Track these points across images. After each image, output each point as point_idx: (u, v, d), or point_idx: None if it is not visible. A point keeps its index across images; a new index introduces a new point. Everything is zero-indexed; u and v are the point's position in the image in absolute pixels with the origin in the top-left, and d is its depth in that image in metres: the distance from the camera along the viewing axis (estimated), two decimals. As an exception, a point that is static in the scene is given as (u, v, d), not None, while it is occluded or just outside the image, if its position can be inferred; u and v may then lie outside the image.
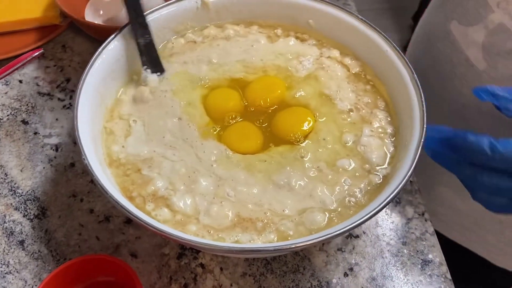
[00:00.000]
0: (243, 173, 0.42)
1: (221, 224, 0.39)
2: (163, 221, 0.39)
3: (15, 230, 0.49)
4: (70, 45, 0.67)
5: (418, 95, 0.43)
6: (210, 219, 0.40)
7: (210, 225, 0.39)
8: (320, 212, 0.40)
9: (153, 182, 0.41)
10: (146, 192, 0.41)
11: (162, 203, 0.40)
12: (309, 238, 0.35)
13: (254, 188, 0.41)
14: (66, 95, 0.61)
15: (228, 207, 0.40)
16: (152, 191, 0.41)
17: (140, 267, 0.47)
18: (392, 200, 0.36)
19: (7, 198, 0.52)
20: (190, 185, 0.41)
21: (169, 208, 0.40)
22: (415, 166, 0.38)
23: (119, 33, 0.48)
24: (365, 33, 0.49)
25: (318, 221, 0.39)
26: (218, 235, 0.39)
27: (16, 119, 0.59)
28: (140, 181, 0.42)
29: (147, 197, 0.41)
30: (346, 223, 0.35)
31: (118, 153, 0.44)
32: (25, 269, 0.47)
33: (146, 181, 0.42)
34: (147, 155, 0.44)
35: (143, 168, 0.43)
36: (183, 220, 0.40)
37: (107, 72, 0.46)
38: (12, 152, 0.56)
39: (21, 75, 0.63)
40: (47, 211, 0.51)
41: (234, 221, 0.40)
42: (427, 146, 0.39)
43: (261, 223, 0.39)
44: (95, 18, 0.66)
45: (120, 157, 0.44)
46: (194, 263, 0.47)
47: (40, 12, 0.68)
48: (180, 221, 0.40)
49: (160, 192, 0.41)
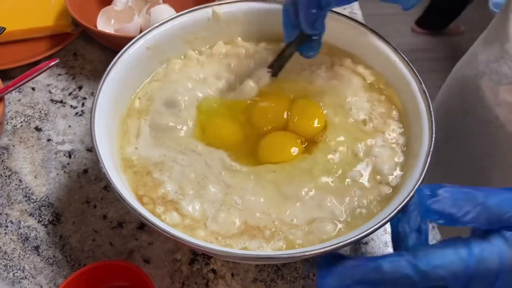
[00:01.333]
0: (252, 182, 0.43)
1: (228, 230, 0.40)
2: (172, 225, 0.40)
3: (30, 236, 0.50)
4: (82, 53, 0.69)
5: (427, 105, 0.43)
6: (218, 225, 0.40)
7: (217, 231, 0.40)
8: (330, 222, 0.40)
9: (163, 185, 0.42)
10: (156, 195, 0.42)
11: (171, 207, 0.41)
12: (321, 246, 0.36)
13: (261, 197, 0.42)
14: (78, 103, 0.63)
15: (235, 215, 0.41)
16: (162, 194, 0.42)
17: (153, 273, 0.48)
18: (402, 210, 0.37)
19: (22, 204, 0.53)
20: (199, 190, 0.42)
21: (178, 212, 0.41)
22: (425, 176, 0.38)
23: (133, 43, 0.49)
24: (374, 43, 0.49)
25: (328, 231, 0.40)
26: (225, 241, 0.40)
27: (30, 126, 0.60)
28: (151, 183, 0.43)
29: (157, 199, 0.42)
30: (356, 232, 0.36)
31: (131, 154, 0.45)
32: (40, 274, 0.48)
33: (157, 184, 0.43)
34: (158, 158, 0.45)
35: (154, 171, 0.44)
36: (192, 224, 0.41)
37: (122, 81, 0.47)
38: (26, 158, 0.57)
39: (33, 82, 0.65)
40: (61, 217, 0.52)
41: (242, 229, 0.40)
42: None
43: (269, 231, 0.40)
44: (107, 27, 0.68)
45: (133, 159, 0.45)
46: (206, 269, 0.48)
47: (52, 21, 0.69)
48: (189, 225, 0.41)
49: (170, 196, 0.42)
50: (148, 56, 0.50)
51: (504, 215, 0.31)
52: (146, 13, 0.67)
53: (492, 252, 0.31)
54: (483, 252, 0.31)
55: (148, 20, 0.67)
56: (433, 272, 0.31)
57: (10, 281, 0.47)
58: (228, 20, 0.53)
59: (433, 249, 0.32)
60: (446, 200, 0.32)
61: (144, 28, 0.66)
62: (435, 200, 0.32)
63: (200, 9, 0.52)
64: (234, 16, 0.53)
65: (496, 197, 0.32)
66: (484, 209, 0.32)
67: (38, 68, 0.51)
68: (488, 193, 0.32)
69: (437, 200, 0.32)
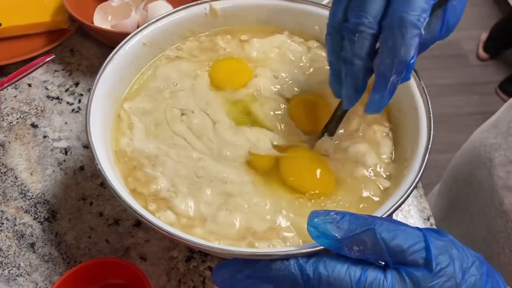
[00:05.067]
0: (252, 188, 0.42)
1: (228, 233, 0.40)
2: (169, 224, 0.40)
3: (25, 233, 0.50)
4: (79, 49, 0.68)
5: (425, 101, 0.43)
6: (217, 225, 0.40)
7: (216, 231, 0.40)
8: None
9: (155, 181, 0.42)
10: (149, 191, 0.42)
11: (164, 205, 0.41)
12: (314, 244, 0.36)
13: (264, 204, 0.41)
14: (75, 99, 0.62)
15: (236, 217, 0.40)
16: (154, 190, 0.42)
17: (149, 270, 0.47)
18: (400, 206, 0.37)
19: (18, 201, 0.52)
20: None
21: (172, 210, 0.41)
22: (421, 176, 0.38)
23: (129, 39, 0.48)
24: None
25: None
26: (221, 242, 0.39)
27: (26, 122, 0.60)
28: (143, 179, 0.43)
29: (149, 197, 0.41)
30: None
31: (126, 146, 0.45)
32: (35, 271, 0.47)
33: (150, 180, 0.42)
34: (153, 152, 0.44)
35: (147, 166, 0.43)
36: (189, 223, 0.40)
37: (117, 77, 0.47)
38: (22, 155, 0.56)
39: (30, 79, 0.64)
40: (57, 214, 0.51)
41: (241, 232, 0.40)
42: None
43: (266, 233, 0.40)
44: (104, 23, 0.67)
45: (127, 151, 0.45)
46: (202, 266, 0.48)
47: (49, 17, 0.69)
48: (187, 224, 0.40)
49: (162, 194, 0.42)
50: (145, 52, 0.50)
51: (397, 249, 0.29)
52: (143, 9, 0.67)
53: (383, 286, 0.29)
54: (373, 281, 0.29)
55: (145, 16, 0.66)
56: (321, 280, 0.30)
57: (5, 278, 0.47)
58: (226, 16, 0.53)
59: (333, 259, 0.31)
60: (334, 221, 0.30)
61: (141, 24, 0.66)
62: (322, 219, 0.30)
63: (197, 4, 0.52)
64: (232, 11, 0.52)
65: (392, 228, 0.29)
66: (372, 237, 0.29)
67: (34, 63, 0.50)
68: (383, 223, 0.30)
69: (324, 220, 0.30)
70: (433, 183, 0.85)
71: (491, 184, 0.50)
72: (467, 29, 2.19)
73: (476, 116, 1.85)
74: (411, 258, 0.29)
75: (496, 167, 0.49)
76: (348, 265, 0.30)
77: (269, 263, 0.32)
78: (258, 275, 0.32)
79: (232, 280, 0.32)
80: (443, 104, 1.90)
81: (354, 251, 0.30)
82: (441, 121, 1.79)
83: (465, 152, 0.58)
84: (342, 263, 0.30)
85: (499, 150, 0.49)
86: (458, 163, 0.59)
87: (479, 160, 0.53)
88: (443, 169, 0.70)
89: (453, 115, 1.87)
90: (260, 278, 0.32)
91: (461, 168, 0.57)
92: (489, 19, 2.12)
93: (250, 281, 0.32)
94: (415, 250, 0.29)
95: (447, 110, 1.88)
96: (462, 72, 2.06)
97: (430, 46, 0.35)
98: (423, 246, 0.29)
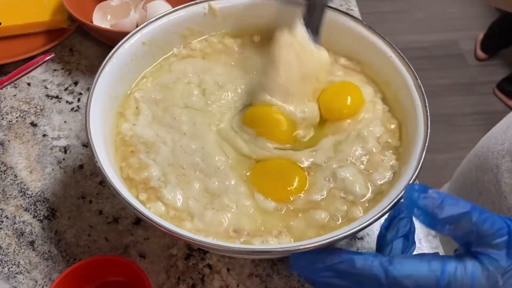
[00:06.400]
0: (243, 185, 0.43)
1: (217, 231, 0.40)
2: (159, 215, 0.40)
3: (25, 231, 0.50)
4: (78, 49, 0.68)
5: (422, 100, 0.43)
6: (204, 224, 0.41)
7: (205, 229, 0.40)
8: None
9: (148, 169, 0.43)
10: (140, 177, 0.42)
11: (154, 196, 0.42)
12: (315, 240, 0.36)
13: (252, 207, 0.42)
14: (74, 98, 0.62)
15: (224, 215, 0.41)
16: (145, 177, 0.42)
17: (149, 268, 0.47)
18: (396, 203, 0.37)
19: (17, 199, 0.53)
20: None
21: (161, 200, 0.41)
22: (419, 172, 0.38)
23: (129, 38, 0.48)
24: (370, 39, 0.49)
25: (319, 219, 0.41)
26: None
27: (25, 121, 0.60)
28: (136, 165, 0.44)
29: (140, 185, 0.42)
30: (350, 226, 0.36)
31: (127, 131, 0.46)
32: (35, 269, 0.48)
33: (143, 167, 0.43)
34: (151, 139, 0.45)
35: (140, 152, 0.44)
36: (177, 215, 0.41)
37: (117, 76, 0.47)
38: (21, 154, 0.56)
39: (29, 78, 0.64)
40: (56, 212, 0.52)
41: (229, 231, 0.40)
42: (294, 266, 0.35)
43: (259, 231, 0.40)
44: (103, 22, 0.67)
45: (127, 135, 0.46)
46: (201, 264, 0.48)
47: (48, 16, 0.69)
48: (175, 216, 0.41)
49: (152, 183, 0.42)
50: (144, 51, 0.50)
51: (485, 233, 0.31)
52: (142, 9, 0.67)
53: (465, 274, 0.31)
54: (456, 271, 0.31)
55: (144, 16, 0.66)
56: (402, 281, 0.31)
57: (5, 276, 0.47)
58: (224, 15, 0.53)
59: (409, 259, 0.32)
60: (433, 200, 0.32)
61: (140, 23, 0.66)
62: (423, 196, 0.32)
63: (196, 4, 0.52)
64: (230, 11, 0.53)
65: (483, 214, 0.31)
66: (467, 220, 0.31)
67: (33, 62, 0.50)
68: (476, 208, 0.32)
69: (424, 196, 0.32)
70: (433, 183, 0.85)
71: (498, 190, 0.50)
72: (465, 29, 2.19)
73: (474, 116, 1.86)
74: (495, 242, 0.31)
75: (503, 173, 0.49)
76: (427, 262, 0.32)
77: (353, 260, 0.33)
78: (340, 269, 0.33)
79: (311, 268, 0.34)
80: (441, 104, 1.90)
81: (445, 229, 0.32)
82: (439, 121, 1.80)
83: (472, 158, 0.58)
84: (418, 261, 0.32)
85: (506, 157, 0.50)
86: (465, 169, 0.59)
87: (486, 166, 0.53)
88: (442, 169, 0.70)
89: (451, 115, 1.88)
90: (341, 272, 0.33)
91: (469, 174, 0.57)
92: (487, 20, 2.12)
93: (329, 273, 0.33)
94: (501, 235, 0.31)
95: (445, 110, 1.89)
96: (460, 72, 2.06)
97: None
98: (507, 232, 0.31)
